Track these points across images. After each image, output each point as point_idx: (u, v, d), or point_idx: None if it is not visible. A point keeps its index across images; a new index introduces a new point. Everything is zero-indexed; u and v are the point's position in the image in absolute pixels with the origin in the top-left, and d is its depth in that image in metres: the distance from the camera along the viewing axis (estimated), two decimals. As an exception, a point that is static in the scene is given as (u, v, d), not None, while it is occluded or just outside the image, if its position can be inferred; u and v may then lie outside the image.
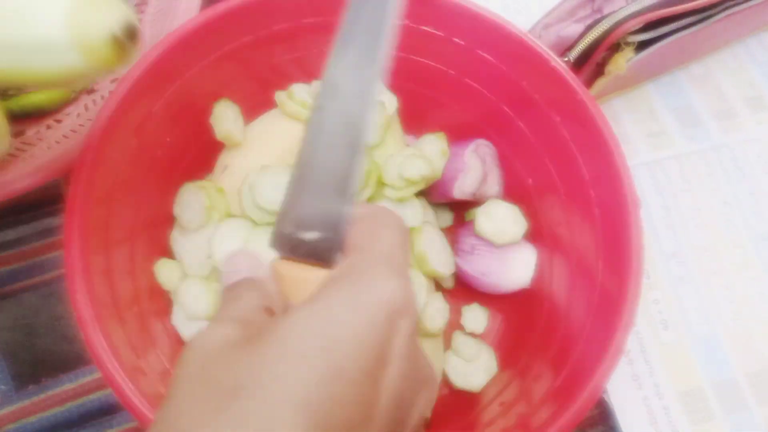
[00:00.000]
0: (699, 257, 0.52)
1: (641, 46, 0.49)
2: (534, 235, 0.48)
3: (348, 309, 0.21)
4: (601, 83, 0.51)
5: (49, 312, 0.47)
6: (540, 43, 0.43)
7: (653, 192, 0.54)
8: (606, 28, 0.48)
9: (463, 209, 0.51)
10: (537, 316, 0.46)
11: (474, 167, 0.48)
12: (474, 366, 0.46)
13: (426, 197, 0.50)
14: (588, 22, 0.50)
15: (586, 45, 0.48)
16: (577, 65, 0.49)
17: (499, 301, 0.49)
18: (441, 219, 0.52)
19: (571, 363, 0.39)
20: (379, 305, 0.22)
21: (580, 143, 0.43)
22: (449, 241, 0.49)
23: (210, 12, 0.42)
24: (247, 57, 0.46)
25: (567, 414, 0.34)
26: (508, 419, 0.40)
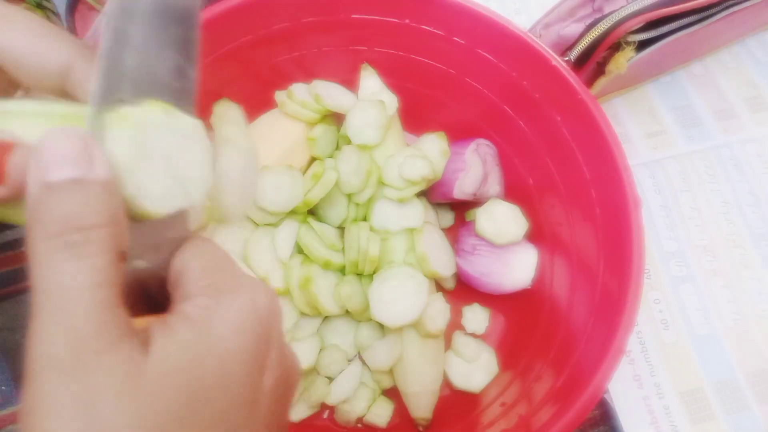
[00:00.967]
0: (699, 257, 0.52)
1: (642, 45, 0.49)
2: (535, 235, 0.48)
3: (225, 330, 0.20)
4: (602, 83, 0.51)
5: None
6: (541, 43, 0.43)
7: (653, 192, 0.54)
8: (606, 27, 0.47)
9: (464, 209, 0.51)
10: (538, 316, 0.46)
11: (474, 167, 0.48)
12: (474, 366, 0.46)
13: (426, 197, 0.50)
14: (588, 21, 0.49)
15: (586, 44, 0.48)
16: (578, 65, 0.49)
17: (500, 302, 0.49)
18: (442, 219, 0.52)
19: (573, 363, 0.38)
20: (255, 314, 0.21)
21: (580, 143, 0.43)
22: (450, 241, 0.49)
23: (209, 12, 0.41)
24: (247, 57, 0.46)
25: (568, 414, 0.34)
26: (509, 420, 0.40)
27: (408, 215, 0.45)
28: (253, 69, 0.48)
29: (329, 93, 0.48)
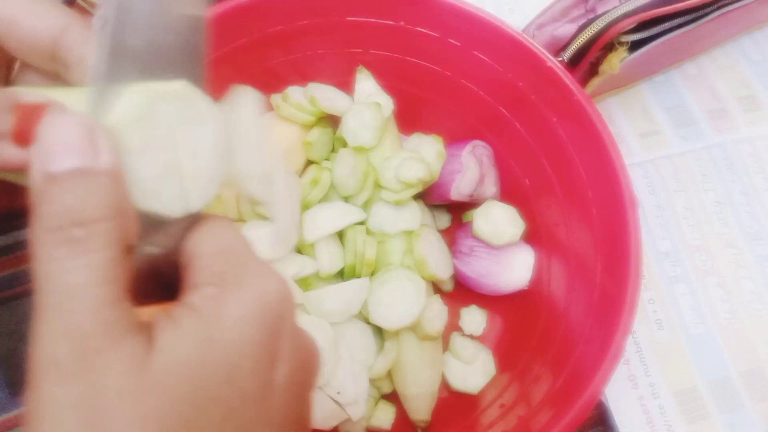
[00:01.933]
0: (692, 257, 0.52)
1: (635, 45, 0.49)
2: (532, 236, 0.48)
3: (231, 322, 0.19)
4: (595, 83, 0.51)
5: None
6: (535, 44, 0.43)
7: (647, 192, 0.54)
8: (599, 27, 0.47)
9: (461, 211, 0.51)
10: (536, 317, 0.46)
11: (471, 168, 0.48)
12: (472, 368, 0.46)
13: (423, 199, 0.50)
14: (581, 21, 0.50)
15: (579, 45, 0.48)
16: (571, 65, 0.49)
17: (498, 303, 0.49)
18: (439, 221, 0.52)
19: (571, 364, 0.38)
20: (263, 305, 0.20)
21: (576, 143, 0.43)
22: (447, 243, 0.49)
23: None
24: (242, 60, 0.46)
25: (568, 416, 0.34)
26: (508, 422, 0.40)
27: (405, 217, 0.45)
28: (248, 72, 0.47)
29: (325, 95, 0.48)
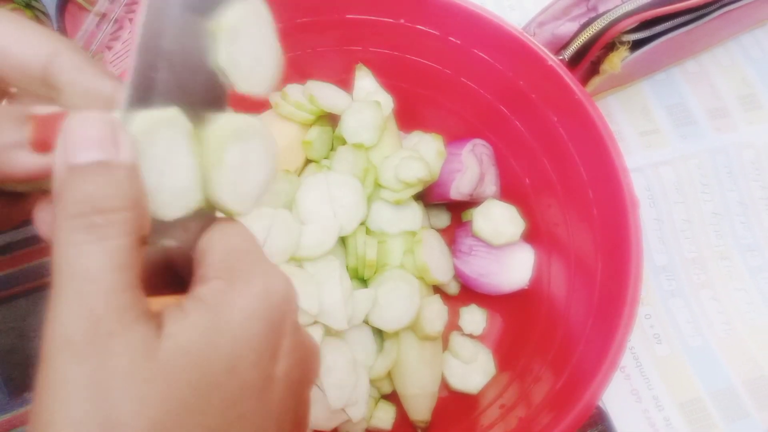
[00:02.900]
0: (688, 270, 0.52)
1: (636, 44, 0.48)
2: (532, 236, 0.48)
3: (236, 315, 0.20)
4: (596, 82, 0.50)
5: (41, 317, 0.46)
6: (536, 42, 0.43)
7: (648, 205, 0.53)
8: (601, 27, 0.47)
9: (460, 210, 0.51)
10: (536, 317, 0.46)
11: (471, 167, 0.47)
12: (472, 368, 0.46)
13: (423, 198, 0.50)
14: (583, 20, 0.49)
15: (580, 43, 0.48)
16: (572, 64, 0.49)
17: (498, 303, 0.49)
18: (438, 220, 0.52)
19: (572, 364, 0.38)
20: (268, 301, 0.21)
21: (577, 143, 0.43)
22: (446, 242, 0.49)
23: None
24: (241, 58, 0.45)
25: (569, 417, 0.34)
26: (508, 422, 0.40)
27: (405, 218, 0.45)
28: (247, 70, 0.47)
29: (324, 93, 0.48)
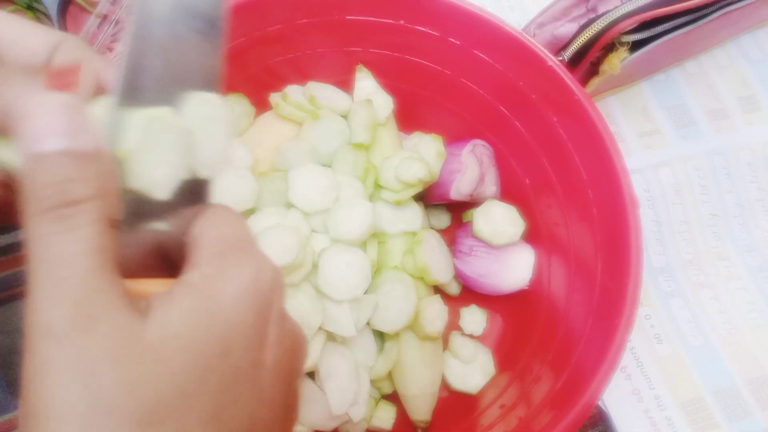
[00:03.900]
0: (686, 271, 0.52)
1: (636, 45, 0.49)
2: (532, 236, 0.48)
3: (227, 300, 0.20)
4: (596, 82, 0.51)
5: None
6: (536, 43, 0.43)
7: (647, 207, 0.53)
8: (600, 27, 0.47)
9: (461, 210, 0.51)
10: (536, 317, 0.46)
11: (471, 168, 0.47)
12: (471, 367, 0.46)
13: (423, 199, 0.50)
14: (582, 21, 0.49)
15: (580, 44, 0.48)
16: (572, 64, 0.49)
17: (498, 303, 0.49)
18: (438, 220, 0.52)
19: (572, 364, 0.38)
20: (256, 289, 0.21)
21: (577, 143, 0.43)
22: (446, 242, 0.49)
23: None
24: (242, 59, 0.46)
25: (569, 416, 0.34)
26: (509, 422, 0.40)
27: (405, 218, 0.45)
28: (248, 71, 0.47)
29: (324, 94, 0.48)
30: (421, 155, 0.46)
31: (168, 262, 0.23)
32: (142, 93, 0.22)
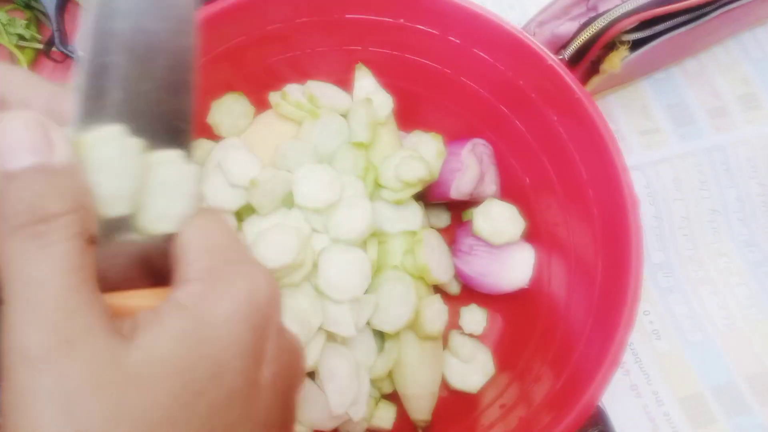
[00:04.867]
0: (685, 267, 0.52)
1: (636, 44, 0.48)
2: (532, 235, 0.48)
3: (219, 320, 0.19)
4: (596, 81, 0.50)
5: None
6: (536, 41, 0.43)
7: (647, 203, 0.53)
8: (601, 26, 0.47)
9: (461, 209, 0.51)
10: (536, 316, 0.46)
11: (471, 167, 0.47)
12: (471, 367, 0.46)
13: (423, 198, 0.50)
14: (583, 20, 0.49)
15: (580, 43, 0.48)
16: (572, 63, 0.49)
17: (498, 302, 0.49)
18: (438, 219, 0.52)
19: (572, 364, 0.38)
20: (251, 304, 0.20)
21: (577, 142, 0.43)
22: (446, 242, 0.49)
23: (203, 13, 0.41)
24: (241, 58, 0.46)
25: (570, 416, 0.34)
26: (509, 422, 0.40)
27: (405, 217, 0.45)
28: (247, 70, 0.47)
29: (324, 93, 0.47)
30: (421, 154, 0.46)
31: (153, 270, 0.22)
32: (101, 117, 0.21)
